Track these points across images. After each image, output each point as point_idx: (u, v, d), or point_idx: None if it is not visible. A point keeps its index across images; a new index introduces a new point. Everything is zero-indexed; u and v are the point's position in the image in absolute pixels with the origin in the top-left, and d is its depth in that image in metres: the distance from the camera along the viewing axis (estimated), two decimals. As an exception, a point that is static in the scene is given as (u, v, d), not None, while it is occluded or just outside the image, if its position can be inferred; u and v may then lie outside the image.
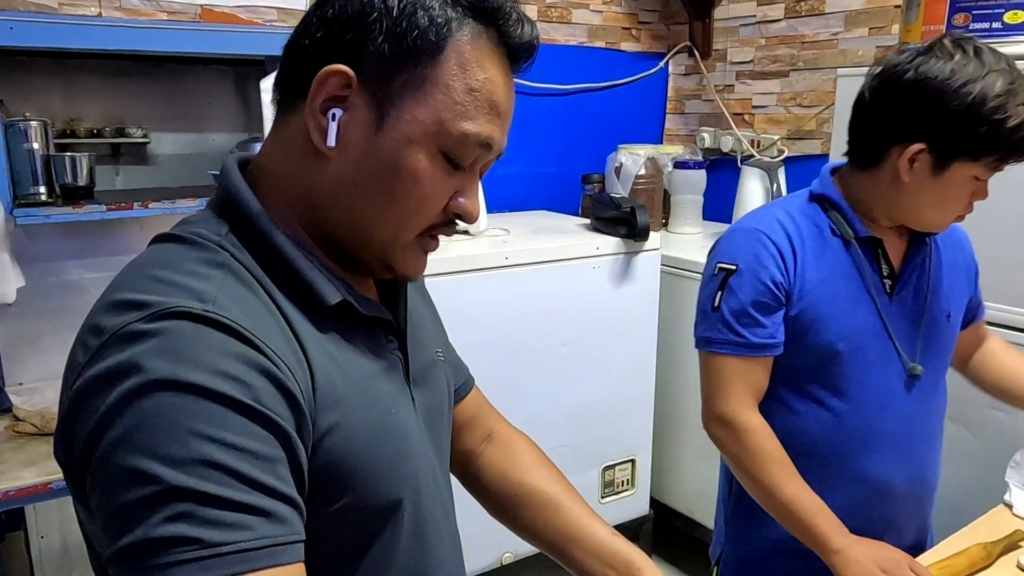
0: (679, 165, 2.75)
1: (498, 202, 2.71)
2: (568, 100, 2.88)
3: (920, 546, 1.32)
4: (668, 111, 3.18)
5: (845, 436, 1.23)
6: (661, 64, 3.09)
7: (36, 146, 1.76)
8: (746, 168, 2.64)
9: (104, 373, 0.55)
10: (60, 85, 2.00)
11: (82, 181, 1.82)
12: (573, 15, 2.85)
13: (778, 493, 1.18)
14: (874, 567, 1.10)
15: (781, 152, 2.67)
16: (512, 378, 2.12)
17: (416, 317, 0.84)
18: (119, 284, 0.62)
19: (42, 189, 1.78)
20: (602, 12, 2.92)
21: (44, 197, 1.78)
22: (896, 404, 1.23)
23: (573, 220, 2.61)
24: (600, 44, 2.94)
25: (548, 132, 2.87)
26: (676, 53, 3.06)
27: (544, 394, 2.21)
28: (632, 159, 2.68)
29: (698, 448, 2.49)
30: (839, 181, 1.25)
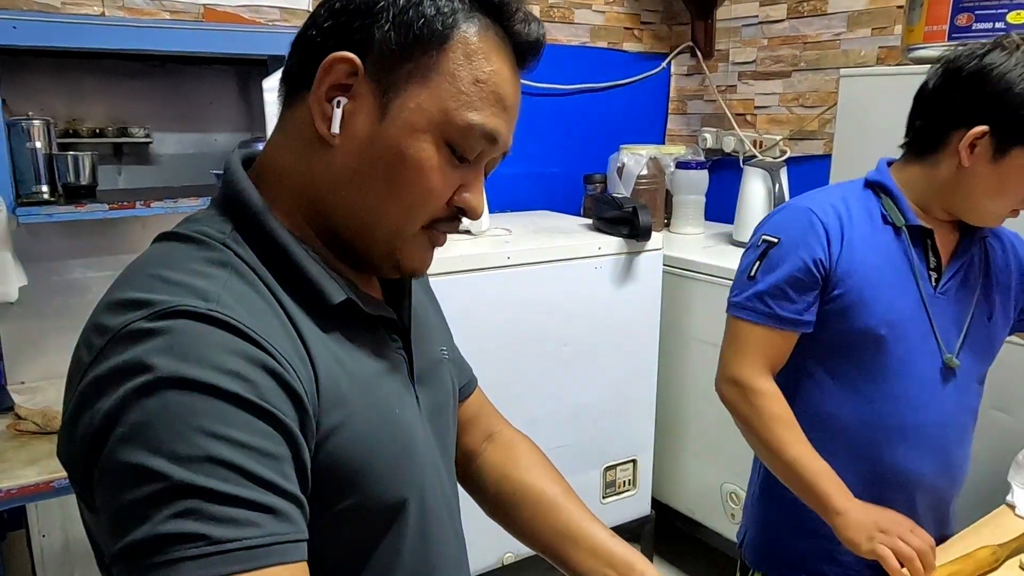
0: (681, 165, 2.75)
1: (500, 202, 2.71)
2: (570, 100, 2.88)
3: (941, 534, 1.32)
4: (670, 111, 3.18)
5: (877, 423, 1.23)
6: (663, 64, 3.08)
7: (39, 145, 1.76)
8: (748, 168, 2.64)
9: (109, 371, 0.55)
10: (63, 84, 2.01)
11: (84, 180, 1.82)
12: (575, 15, 2.84)
13: (783, 453, 1.20)
14: (873, 527, 1.12)
15: (783, 152, 2.67)
16: (514, 378, 2.12)
17: (421, 315, 0.83)
18: (123, 283, 0.62)
19: (44, 188, 1.78)
20: (604, 12, 2.92)
21: (47, 196, 1.79)
22: (931, 396, 1.23)
23: (575, 220, 2.60)
24: (602, 44, 2.94)
25: (550, 132, 2.87)
26: (678, 53, 3.06)
27: (546, 394, 2.21)
28: (634, 159, 2.68)
29: (700, 449, 2.49)
30: (894, 172, 1.27)
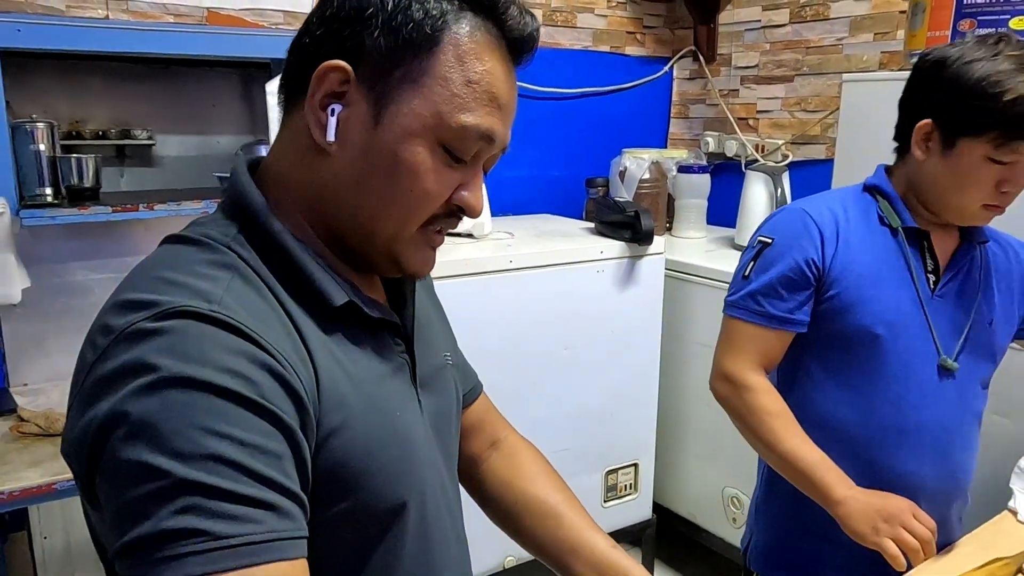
0: (683, 169, 2.75)
1: (502, 205, 2.71)
2: (573, 104, 2.89)
3: (945, 538, 1.31)
4: (672, 115, 3.18)
5: (875, 423, 1.23)
6: (666, 68, 3.09)
7: (42, 147, 1.77)
8: (750, 173, 2.64)
9: (113, 370, 0.56)
10: (66, 87, 2.01)
11: (88, 183, 1.83)
12: (578, 19, 2.85)
13: (778, 446, 1.21)
14: (875, 517, 1.12)
15: (785, 157, 2.67)
16: (515, 381, 2.12)
17: (424, 320, 0.84)
18: (128, 285, 0.63)
19: (48, 190, 1.79)
20: (607, 16, 2.92)
21: (50, 198, 1.79)
22: (930, 398, 1.23)
23: (577, 224, 2.61)
24: (605, 48, 2.94)
25: (552, 136, 2.87)
26: (681, 57, 3.06)
27: (547, 397, 2.21)
28: (636, 163, 2.68)
29: (701, 452, 2.49)
30: (890, 175, 1.29)
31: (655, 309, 2.39)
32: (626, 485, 2.46)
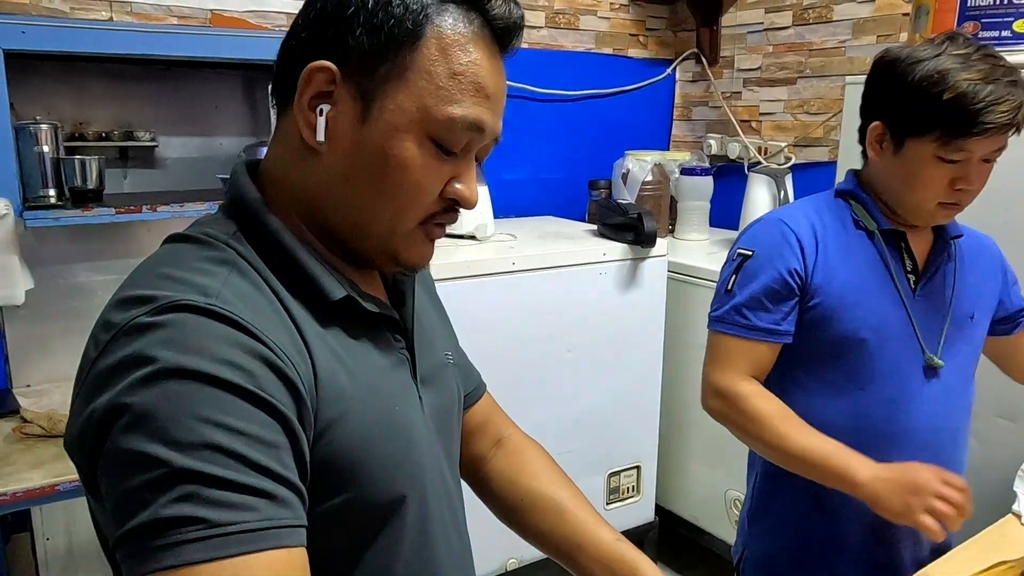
0: (686, 171, 2.75)
1: (505, 207, 2.71)
2: (575, 106, 2.89)
3: (941, 546, 1.31)
4: (675, 118, 3.18)
5: (867, 428, 1.23)
6: (668, 71, 3.09)
7: (46, 149, 1.77)
8: (753, 175, 2.64)
9: (113, 364, 0.57)
10: (69, 88, 2.01)
11: (91, 184, 1.83)
12: (581, 21, 2.85)
13: (787, 445, 1.18)
14: (904, 494, 1.08)
15: (788, 159, 2.67)
16: (518, 383, 2.12)
17: (424, 318, 0.84)
18: (129, 282, 0.64)
19: (51, 192, 1.79)
20: (609, 19, 2.92)
21: (53, 200, 1.79)
22: (919, 399, 1.23)
23: (580, 226, 2.61)
24: (607, 51, 2.94)
25: (555, 138, 2.87)
26: (683, 60, 3.06)
27: (550, 400, 2.21)
28: (639, 165, 2.68)
29: (704, 455, 2.48)
30: (861, 179, 1.29)
31: (657, 311, 2.39)
32: (628, 488, 2.45)
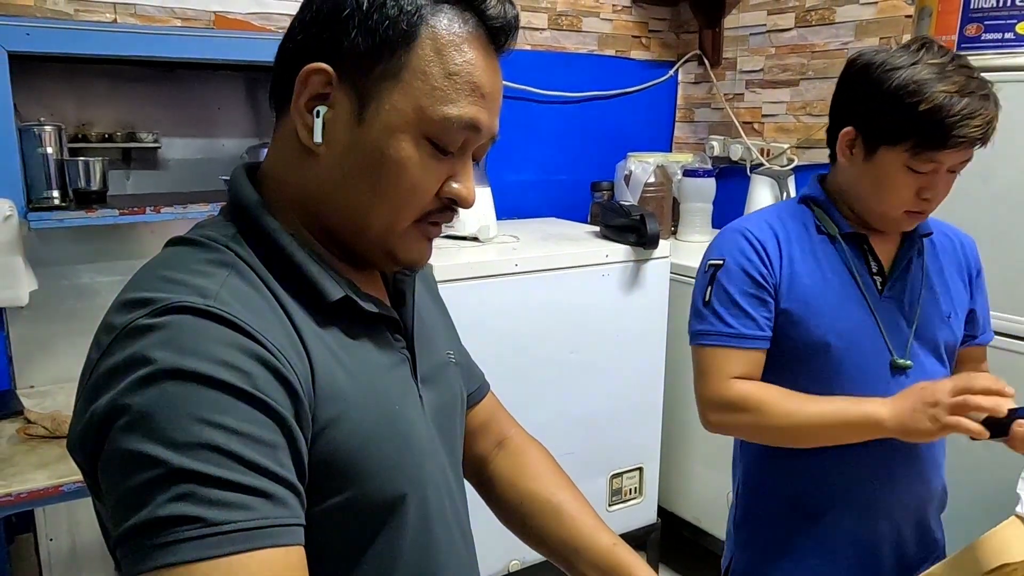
0: (688, 173, 2.75)
1: (508, 209, 2.72)
2: (578, 108, 2.89)
3: (926, 549, 1.31)
4: (677, 119, 3.18)
5: None
6: (671, 72, 3.09)
7: (50, 150, 1.78)
8: (755, 177, 2.64)
9: (113, 366, 0.58)
10: (73, 89, 2.02)
11: (95, 186, 1.83)
12: (583, 23, 2.85)
13: (800, 419, 1.16)
14: (925, 410, 1.07)
15: (791, 161, 2.67)
16: (520, 385, 2.12)
17: (426, 316, 0.84)
18: (131, 285, 0.65)
19: (55, 193, 1.80)
20: (612, 20, 2.93)
21: (57, 201, 1.80)
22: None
23: (582, 228, 2.61)
24: (610, 52, 2.94)
25: (558, 140, 2.87)
26: (686, 61, 3.06)
27: (552, 401, 2.21)
28: (641, 167, 2.68)
29: (706, 457, 2.48)
30: (825, 185, 1.28)
31: (660, 313, 2.39)
32: (631, 489, 2.45)
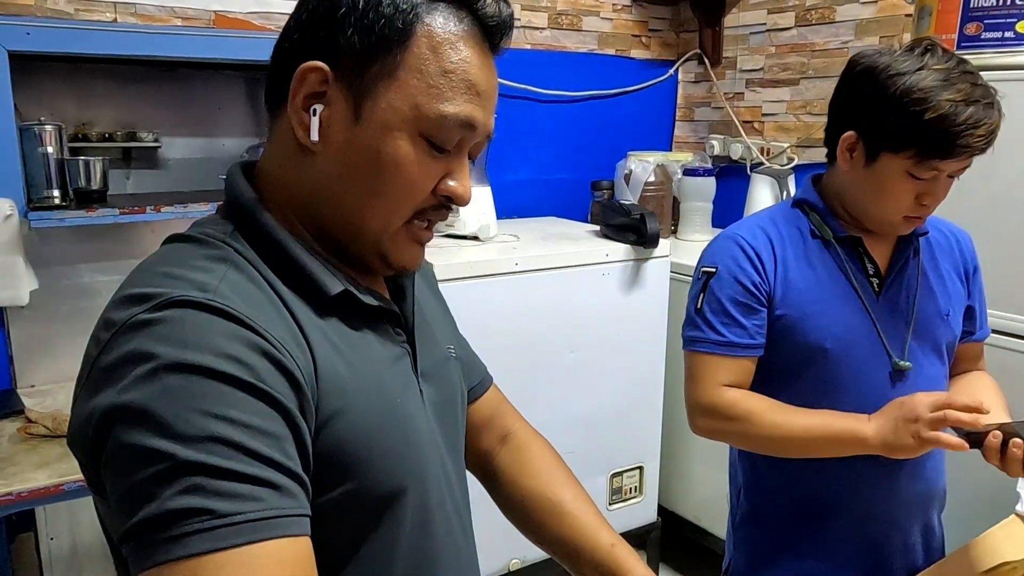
0: (688, 172, 2.75)
1: (508, 208, 2.72)
2: (578, 107, 2.89)
3: (928, 548, 1.31)
4: (678, 118, 3.18)
5: None
6: (671, 71, 3.09)
7: (50, 150, 1.77)
8: (756, 176, 2.64)
9: (114, 361, 0.58)
10: (73, 89, 2.02)
11: (95, 185, 1.83)
12: (583, 22, 2.85)
13: (786, 432, 1.17)
14: (907, 427, 1.08)
15: (791, 160, 2.67)
16: (520, 384, 2.12)
17: (426, 312, 0.85)
18: (129, 281, 0.65)
19: (56, 192, 1.80)
20: (612, 20, 2.93)
21: (58, 200, 1.80)
22: (887, 402, 1.21)
23: (582, 227, 2.61)
24: (610, 51, 2.94)
25: (558, 139, 2.87)
26: (686, 61, 3.06)
27: (552, 400, 2.21)
28: (641, 166, 2.68)
29: (706, 456, 2.48)
30: (820, 186, 1.28)
31: (660, 312, 2.39)
32: (631, 488, 2.46)
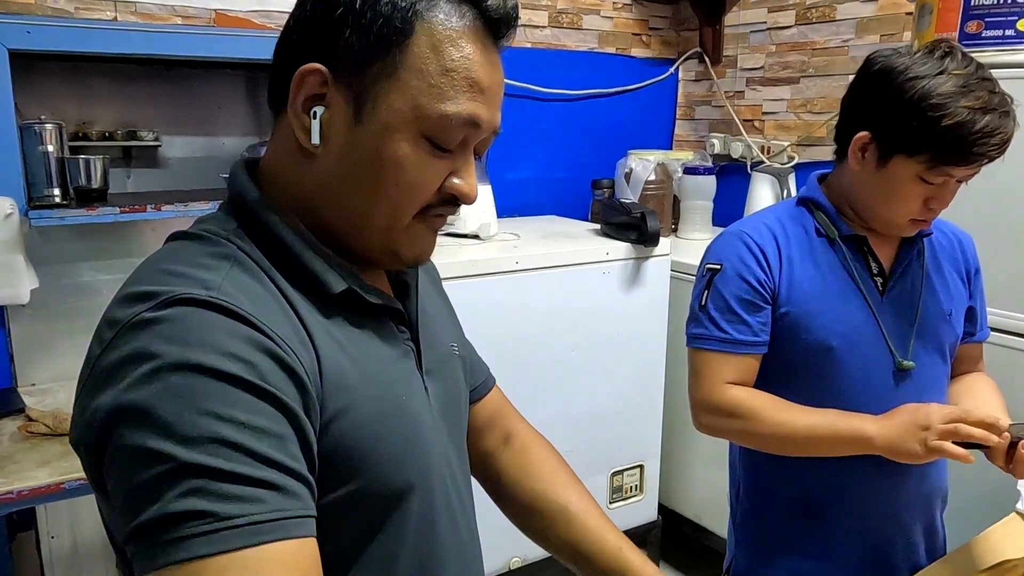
0: (689, 171, 2.75)
1: (508, 207, 2.72)
2: (578, 105, 2.89)
3: (931, 547, 1.31)
4: (678, 117, 3.18)
5: None
6: (671, 70, 3.09)
7: (51, 148, 1.77)
8: (756, 174, 2.64)
9: (117, 360, 0.57)
10: (73, 88, 2.02)
11: (96, 184, 1.83)
12: (584, 21, 2.85)
13: (791, 430, 1.17)
14: (916, 433, 1.09)
15: (791, 158, 2.67)
16: (521, 382, 2.12)
17: (429, 309, 0.84)
18: (132, 279, 0.64)
19: (56, 191, 1.79)
20: (613, 18, 2.93)
21: (58, 199, 1.80)
22: (890, 403, 1.21)
23: (583, 225, 2.61)
24: (611, 50, 2.94)
25: (558, 137, 2.87)
26: (686, 59, 3.06)
27: (553, 399, 2.21)
28: (642, 164, 2.68)
29: (707, 454, 2.48)
30: (825, 185, 1.28)
31: (661, 311, 2.39)
32: (632, 487, 2.46)
